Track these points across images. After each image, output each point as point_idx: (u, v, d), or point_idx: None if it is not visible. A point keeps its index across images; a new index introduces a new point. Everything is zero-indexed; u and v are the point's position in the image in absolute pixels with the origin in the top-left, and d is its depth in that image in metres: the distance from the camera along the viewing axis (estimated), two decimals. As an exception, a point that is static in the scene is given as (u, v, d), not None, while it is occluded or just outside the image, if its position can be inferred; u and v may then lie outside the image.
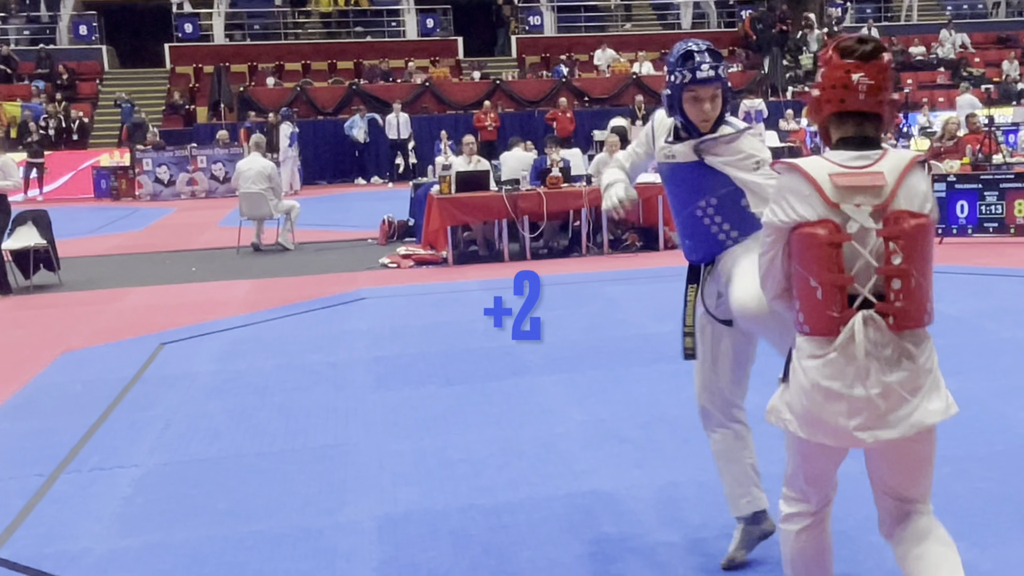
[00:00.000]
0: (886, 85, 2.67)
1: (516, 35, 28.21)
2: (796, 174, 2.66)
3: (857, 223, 2.59)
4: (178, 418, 5.76)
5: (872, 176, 2.61)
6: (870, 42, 2.68)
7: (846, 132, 2.68)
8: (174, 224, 16.31)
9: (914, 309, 2.60)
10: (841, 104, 2.66)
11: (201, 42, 27.07)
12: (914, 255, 2.58)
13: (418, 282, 9.96)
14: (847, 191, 2.60)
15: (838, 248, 2.59)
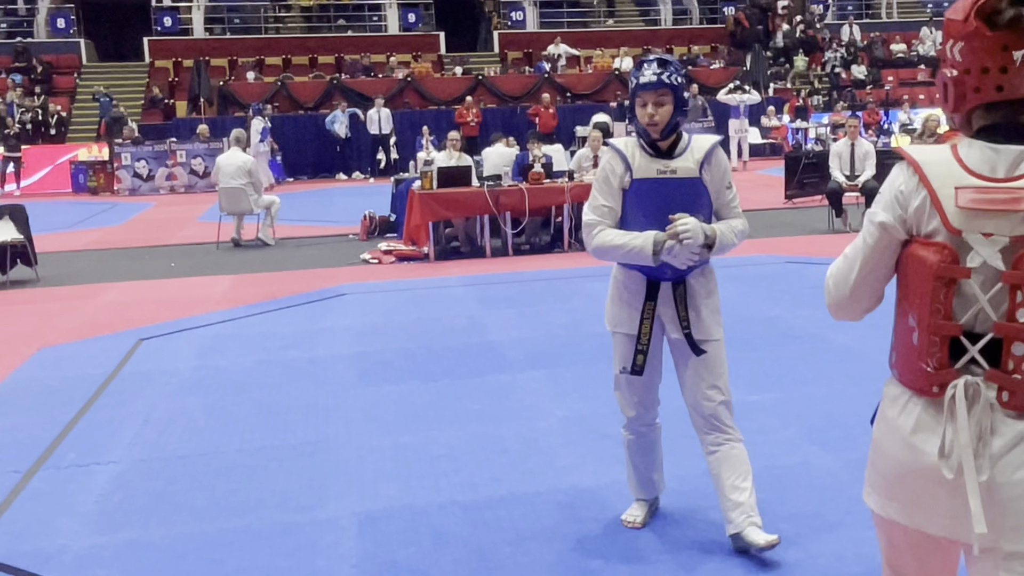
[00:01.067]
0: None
1: (498, 30, 28.19)
2: (915, 177, 1.99)
3: (981, 256, 1.91)
4: (156, 414, 5.72)
5: (1016, 196, 1.88)
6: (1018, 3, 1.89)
7: (994, 120, 1.95)
8: (153, 219, 16.20)
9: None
10: (998, 93, 1.92)
11: (181, 36, 26.90)
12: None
13: (399, 278, 9.93)
14: (977, 216, 1.90)
15: (951, 285, 1.93)
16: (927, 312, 1.94)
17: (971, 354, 1.93)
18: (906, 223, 2.00)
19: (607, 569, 3.67)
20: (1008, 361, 1.89)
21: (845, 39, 27.70)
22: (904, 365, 2.03)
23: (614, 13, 30.14)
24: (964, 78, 1.95)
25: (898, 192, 2.01)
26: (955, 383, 1.93)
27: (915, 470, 2.00)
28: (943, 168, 1.96)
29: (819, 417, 5.23)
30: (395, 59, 26.03)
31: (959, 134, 2.03)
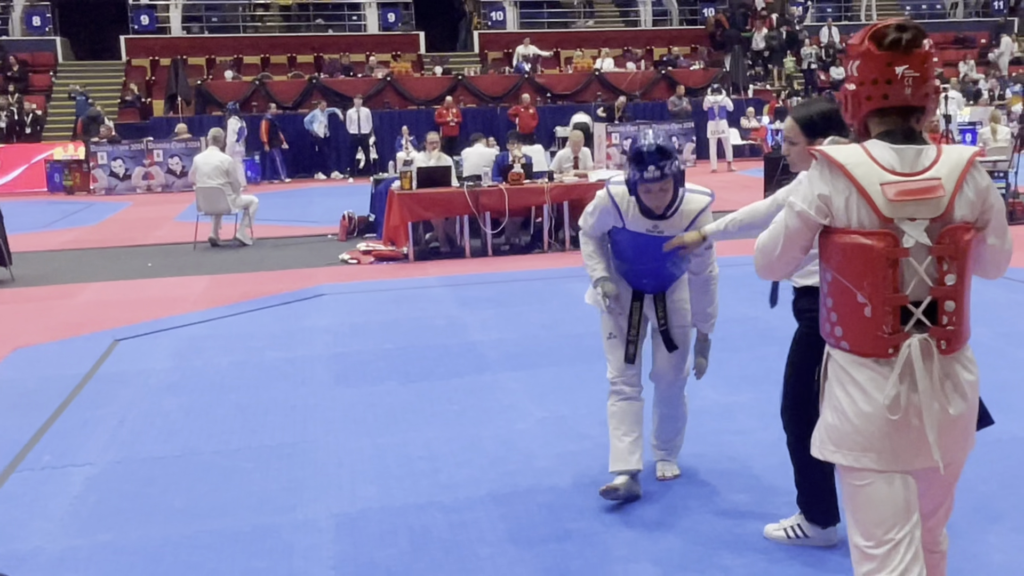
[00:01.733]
0: (931, 75, 2.43)
1: (478, 30, 28.17)
2: (842, 176, 2.39)
3: (913, 238, 2.35)
4: (132, 415, 5.67)
5: (930, 183, 2.35)
6: (910, 29, 2.42)
7: (889, 126, 2.44)
8: (129, 219, 16.07)
9: (965, 331, 2.43)
10: (884, 100, 2.42)
11: (158, 34, 26.73)
12: (965, 272, 2.39)
13: (378, 278, 9.90)
14: (903, 205, 2.35)
15: (896, 265, 2.35)
16: (879, 289, 2.36)
17: (916, 316, 2.37)
18: (826, 215, 2.42)
19: (586, 570, 3.67)
20: (942, 317, 2.38)
21: (824, 40, 27.86)
22: (856, 336, 2.41)
23: (594, 14, 30.20)
24: (859, 90, 2.45)
25: (821, 189, 2.42)
26: (908, 342, 2.36)
27: (881, 421, 2.40)
28: (865, 168, 2.38)
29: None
30: (375, 58, 25.95)
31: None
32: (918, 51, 2.40)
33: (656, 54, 27.88)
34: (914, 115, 2.45)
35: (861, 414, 2.41)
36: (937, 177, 2.37)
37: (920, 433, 2.39)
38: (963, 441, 2.47)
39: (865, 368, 2.41)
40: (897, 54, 2.40)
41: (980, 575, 3.51)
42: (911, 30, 2.41)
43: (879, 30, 2.43)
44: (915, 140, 2.42)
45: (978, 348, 6.56)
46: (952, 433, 2.42)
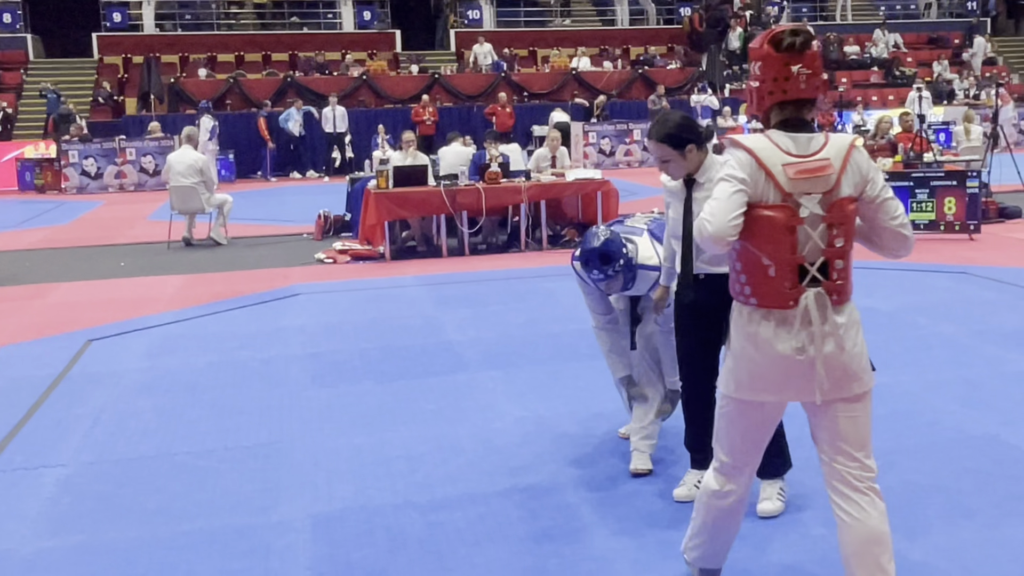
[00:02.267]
0: (820, 71, 2.92)
1: (455, 29, 28.12)
2: (749, 158, 2.88)
3: (808, 209, 2.85)
4: (106, 416, 5.61)
5: (821, 163, 2.86)
6: (801, 33, 2.89)
7: (787, 115, 2.93)
8: (102, 218, 15.92)
9: (850, 286, 2.96)
10: (784, 95, 2.90)
11: (130, 32, 26.50)
12: (849, 237, 2.91)
13: (355, 278, 9.86)
14: (800, 182, 2.85)
15: (794, 232, 2.85)
16: (781, 252, 2.85)
17: (811, 274, 2.87)
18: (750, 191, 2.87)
19: (565, 569, 3.66)
20: (832, 273, 2.89)
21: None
22: (763, 292, 2.91)
23: (570, 13, 30.23)
24: (762, 86, 2.92)
25: (740, 174, 2.87)
26: (805, 295, 2.87)
27: (779, 360, 2.91)
28: (769, 152, 2.87)
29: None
30: (350, 57, 25.85)
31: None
32: (809, 52, 2.88)
33: (633, 53, 27.95)
34: (807, 106, 2.94)
35: (763, 357, 2.92)
36: (827, 158, 2.87)
37: (813, 371, 2.89)
38: (850, 379, 2.94)
39: (770, 319, 2.91)
40: (792, 55, 2.87)
41: (954, 571, 3.53)
42: (803, 34, 2.88)
43: (776, 35, 2.90)
44: (807, 128, 2.93)
45: (952, 345, 6.67)
46: (840, 371, 2.91)
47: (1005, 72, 27.70)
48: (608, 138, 22.26)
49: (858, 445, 2.98)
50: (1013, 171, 12.02)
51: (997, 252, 9.92)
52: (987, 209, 11.56)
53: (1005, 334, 6.72)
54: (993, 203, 11.98)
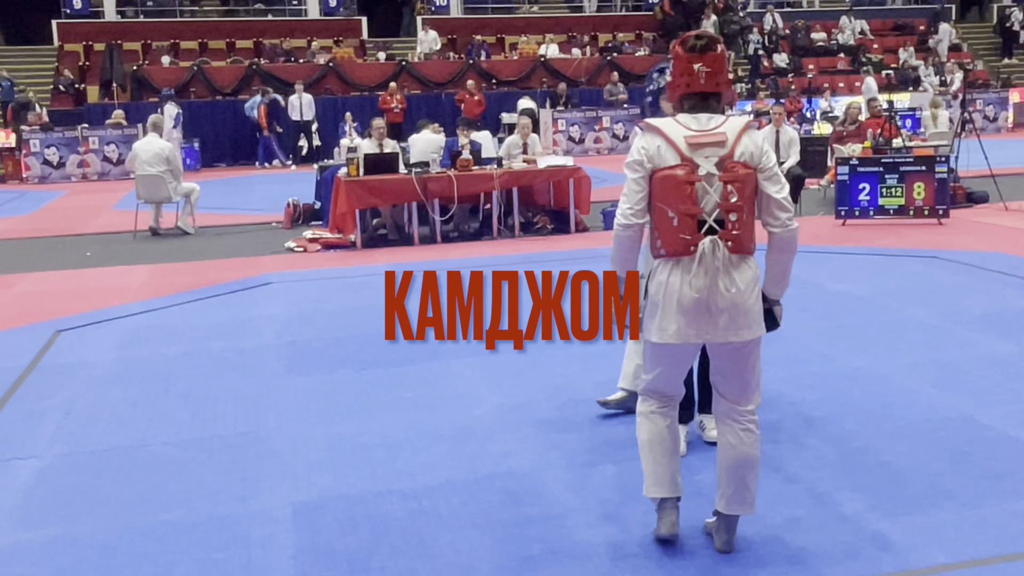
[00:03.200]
0: (721, 70, 3.43)
1: (422, 16, 27.93)
2: (657, 135, 3.44)
3: (705, 169, 3.35)
4: (78, 407, 5.53)
5: (717, 135, 3.39)
6: (704, 37, 3.45)
7: (693, 103, 3.48)
8: (65, 208, 15.67)
9: (746, 238, 3.36)
10: (687, 88, 3.46)
11: (91, 19, 26.04)
12: (745, 196, 3.36)
13: (326, 266, 9.78)
14: (697, 147, 3.38)
15: (692, 185, 3.35)
16: (682, 203, 3.34)
17: (708, 223, 3.34)
18: (648, 159, 3.41)
19: (547, 554, 3.66)
20: (727, 223, 3.34)
21: (768, 27, 28.14)
22: (669, 241, 3.39)
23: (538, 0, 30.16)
24: (674, 80, 3.51)
25: (643, 147, 3.44)
26: (702, 242, 3.34)
27: (686, 304, 3.37)
28: (672, 128, 3.43)
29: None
30: (316, 44, 25.60)
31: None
32: (711, 53, 3.42)
33: (601, 40, 27.92)
34: (710, 98, 3.46)
35: (671, 303, 3.39)
36: (723, 131, 3.40)
37: (710, 313, 3.37)
38: (744, 323, 3.38)
39: (677, 267, 3.38)
40: (695, 55, 3.42)
41: (934, 551, 3.57)
42: (706, 38, 3.45)
43: (685, 39, 3.47)
44: (708, 112, 3.45)
45: (925, 328, 6.72)
46: (734, 312, 3.36)
47: (969, 58, 28.01)
48: (577, 125, 22.26)
49: (744, 385, 3.50)
50: (980, 156, 12.17)
51: (965, 236, 10.04)
52: (955, 194, 11.70)
53: (975, 316, 6.80)
54: (961, 188, 12.12)
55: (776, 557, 3.56)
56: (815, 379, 5.59)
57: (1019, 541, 3.62)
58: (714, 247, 3.32)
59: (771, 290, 3.55)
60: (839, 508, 3.93)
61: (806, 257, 9.22)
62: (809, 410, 5.09)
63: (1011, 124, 24.29)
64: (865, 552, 3.57)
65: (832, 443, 4.63)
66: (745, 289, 3.37)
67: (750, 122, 3.46)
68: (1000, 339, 6.22)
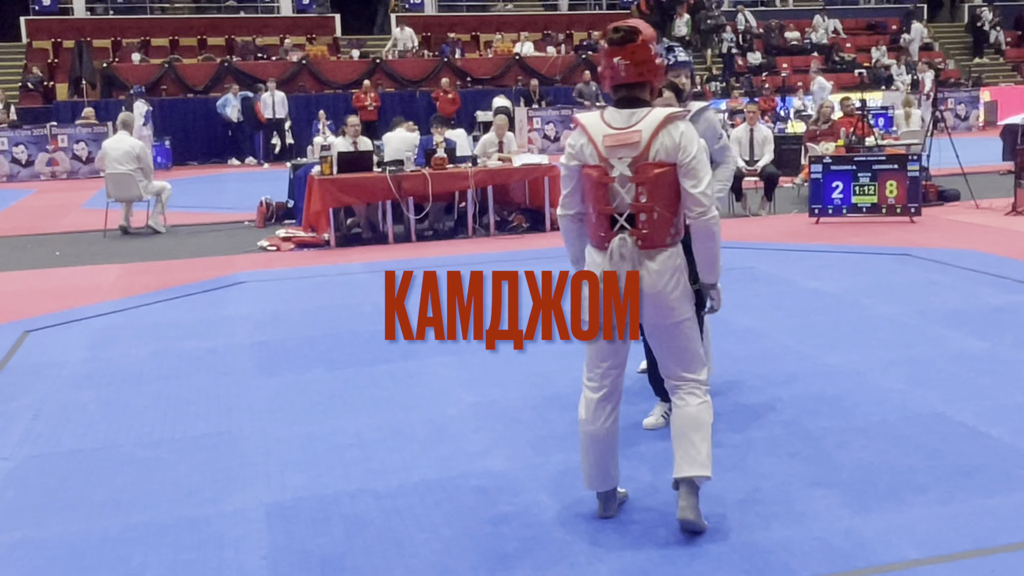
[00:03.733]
0: (643, 59, 3.54)
1: (395, 13, 27.83)
2: (583, 134, 3.63)
3: (619, 170, 3.55)
4: (48, 408, 5.46)
5: (631, 135, 3.53)
6: (621, 29, 3.55)
7: (620, 95, 3.61)
8: (34, 206, 15.49)
9: (656, 235, 3.58)
10: (611, 80, 3.61)
11: (60, 15, 25.75)
12: (656, 195, 3.54)
13: (300, 265, 9.72)
14: (613, 149, 3.55)
15: (605, 187, 3.57)
16: (597, 203, 3.61)
17: (620, 222, 3.58)
18: (574, 157, 3.67)
19: (523, 552, 3.65)
20: (638, 222, 3.57)
21: (741, 27, 28.27)
22: (591, 234, 3.69)
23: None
24: (602, 71, 3.64)
25: (571, 143, 3.69)
26: (613, 239, 3.58)
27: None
28: (596, 126, 3.60)
29: (727, 398, 5.31)
30: (289, 41, 25.45)
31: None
32: (630, 45, 3.52)
33: (576, 38, 27.94)
34: (635, 89, 3.59)
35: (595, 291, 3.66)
36: (638, 130, 3.52)
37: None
38: (662, 310, 3.61)
39: (598, 258, 3.64)
40: (615, 48, 3.55)
41: (906, 546, 3.59)
42: (623, 31, 3.54)
43: (606, 32, 3.61)
44: (633, 105, 3.59)
45: (898, 325, 6.77)
46: (650, 301, 3.60)
47: (941, 57, 28.28)
48: (552, 123, 22.27)
49: (677, 360, 3.71)
50: (952, 155, 12.28)
51: (937, 234, 10.13)
52: (927, 192, 11.80)
53: (947, 313, 6.86)
54: (933, 186, 12.22)
55: (749, 553, 3.57)
56: (788, 376, 5.61)
57: (990, 536, 3.65)
58: (622, 244, 3.54)
59: (703, 275, 3.71)
60: (812, 504, 3.95)
61: (780, 255, 9.27)
62: (782, 407, 5.11)
63: (982, 123, 24.53)
64: (838, 548, 3.59)
65: (805, 440, 4.65)
66: (658, 278, 3.57)
67: (672, 115, 3.53)
68: (971, 336, 6.28)
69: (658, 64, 3.61)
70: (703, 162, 3.54)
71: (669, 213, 3.55)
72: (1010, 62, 29.73)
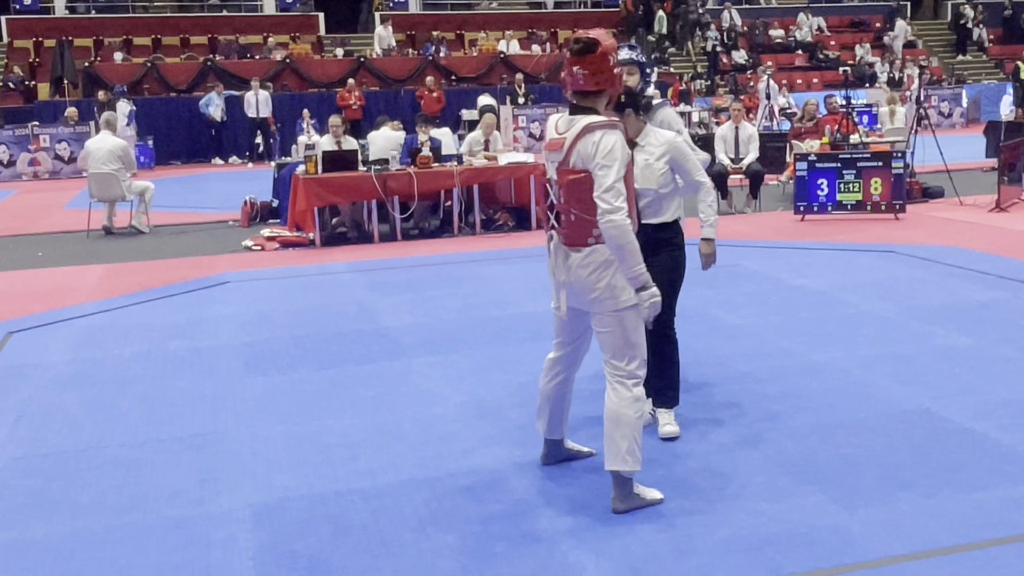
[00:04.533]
0: (600, 69, 3.77)
1: (380, 11, 27.76)
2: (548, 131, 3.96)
3: (550, 172, 3.89)
4: (31, 410, 5.42)
5: (560, 141, 3.81)
6: (582, 41, 3.76)
7: (575, 102, 3.86)
8: (16, 207, 15.38)
9: (575, 235, 3.82)
10: (571, 87, 3.84)
11: (41, 14, 25.58)
12: (571, 199, 3.79)
13: (285, 265, 9.68)
14: (548, 152, 3.90)
15: (543, 186, 3.98)
16: (540, 199, 4.11)
17: (552, 220, 3.91)
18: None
19: (511, 551, 3.64)
20: (561, 220, 3.86)
21: (726, 24, 28.33)
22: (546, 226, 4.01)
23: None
24: (563, 78, 3.86)
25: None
26: (550, 233, 3.94)
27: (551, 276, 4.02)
28: (550, 129, 3.91)
29: (713, 395, 5.32)
30: (272, 40, 25.35)
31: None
32: (589, 56, 3.75)
33: (561, 36, 27.93)
34: (589, 97, 3.82)
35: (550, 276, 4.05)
36: (566, 137, 3.78)
37: (559, 286, 3.96)
38: (592, 301, 3.85)
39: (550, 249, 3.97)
40: (573, 59, 3.78)
41: (893, 542, 3.60)
42: (582, 43, 3.76)
43: (567, 42, 3.89)
44: (579, 112, 3.82)
45: (883, 322, 6.78)
46: (571, 289, 3.90)
47: (925, 55, 28.41)
48: (538, 122, 22.26)
49: (609, 350, 3.89)
50: (936, 152, 12.34)
51: (922, 231, 10.17)
52: (911, 189, 11.85)
53: (932, 310, 6.89)
54: (917, 183, 12.28)
55: (736, 549, 3.58)
56: (774, 373, 5.62)
57: (976, 531, 3.67)
58: (553, 239, 3.91)
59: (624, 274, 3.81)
60: (799, 500, 3.96)
61: (765, 252, 9.29)
62: (769, 404, 5.12)
63: (965, 120, 24.67)
64: (825, 544, 3.60)
65: (791, 436, 4.66)
66: (580, 271, 3.83)
67: (591, 124, 3.72)
68: (956, 332, 6.31)
69: (616, 74, 3.83)
70: (609, 168, 3.66)
71: (588, 216, 3.73)
72: (993, 59, 29.90)
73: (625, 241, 3.69)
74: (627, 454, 3.82)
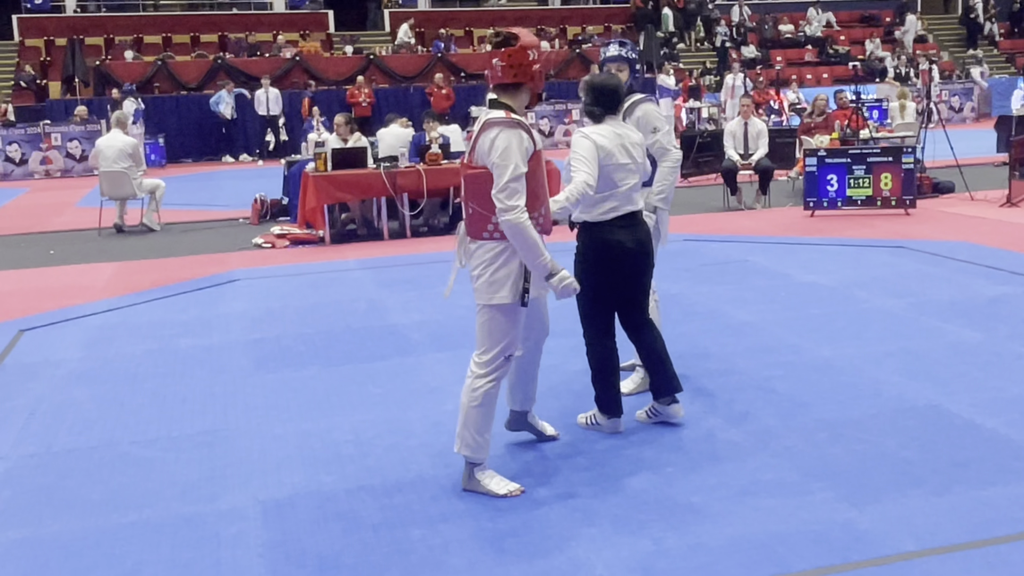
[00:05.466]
0: (518, 63, 3.83)
1: (389, 9, 27.80)
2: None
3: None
4: (44, 407, 5.45)
5: (471, 134, 3.89)
6: (502, 34, 3.88)
7: (494, 96, 3.91)
8: (28, 205, 15.46)
9: (472, 228, 3.92)
10: (491, 79, 3.90)
11: (52, 13, 25.70)
12: (468, 193, 3.89)
13: (294, 262, 9.71)
14: (467, 143, 3.95)
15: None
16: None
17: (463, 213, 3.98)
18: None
19: (521, 547, 3.65)
20: (464, 212, 3.97)
21: (735, 20, 28.27)
22: None
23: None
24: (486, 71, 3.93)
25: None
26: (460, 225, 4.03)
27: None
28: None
29: (723, 391, 5.32)
30: (282, 38, 25.41)
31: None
32: (507, 49, 3.82)
33: (570, 33, 27.93)
34: (507, 90, 3.88)
35: None
36: (473, 131, 3.88)
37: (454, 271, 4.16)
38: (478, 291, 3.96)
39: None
40: (495, 52, 3.87)
41: (902, 538, 3.59)
42: (503, 35, 3.88)
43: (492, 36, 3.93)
44: (494, 106, 3.87)
45: (893, 318, 6.76)
46: (471, 279, 4.00)
47: (935, 49, 28.30)
48: (547, 118, 22.27)
49: (477, 341, 4.05)
50: (946, 147, 12.29)
51: (932, 226, 10.14)
52: (922, 184, 11.81)
53: (942, 305, 6.87)
54: (927, 179, 12.24)
55: (746, 546, 3.58)
56: (784, 369, 5.61)
57: (987, 527, 3.65)
58: (461, 231, 4.01)
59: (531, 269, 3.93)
60: (809, 497, 3.95)
61: (775, 248, 9.27)
62: (778, 400, 5.11)
63: (976, 115, 24.57)
64: (835, 540, 3.59)
65: (801, 432, 4.66)
66: (472, 262, 3.96)
67: (489, 121, 3.78)
68: (966, 327, 6.29)
69: (536, 71, 3.87)
70: (504, 168, 3.71)
71: (483, 211, 3.82)
72: (1004, 53, 29.76)
73: (522, 238, 3.78)
74: (458, 437, 4.06)
